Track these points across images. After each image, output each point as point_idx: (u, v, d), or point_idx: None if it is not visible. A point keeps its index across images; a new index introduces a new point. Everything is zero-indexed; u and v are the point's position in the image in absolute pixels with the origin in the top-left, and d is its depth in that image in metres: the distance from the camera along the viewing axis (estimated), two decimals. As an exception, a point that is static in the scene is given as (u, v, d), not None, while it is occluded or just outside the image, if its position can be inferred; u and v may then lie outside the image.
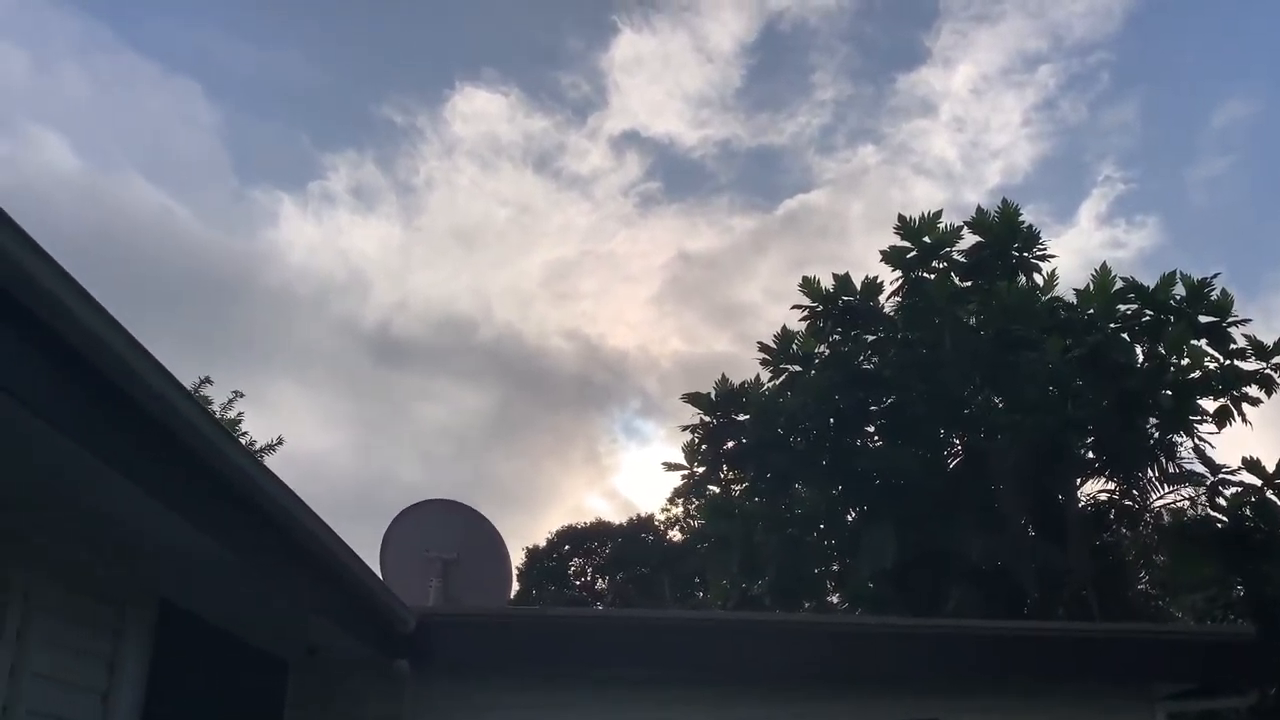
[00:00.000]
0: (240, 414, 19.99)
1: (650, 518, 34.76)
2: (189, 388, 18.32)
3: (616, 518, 36.35)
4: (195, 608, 4.70)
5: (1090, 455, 14.23)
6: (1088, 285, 14.40)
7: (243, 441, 17.98)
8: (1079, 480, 14.15)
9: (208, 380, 19.36)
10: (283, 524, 4.08)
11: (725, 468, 15.48)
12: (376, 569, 7.77)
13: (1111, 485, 14.33)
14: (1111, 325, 13.98)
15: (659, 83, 40.58)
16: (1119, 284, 14.18)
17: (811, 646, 6.69)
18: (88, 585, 3.95)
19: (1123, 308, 14.19)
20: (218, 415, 18.91)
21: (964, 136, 37.01)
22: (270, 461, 19.39)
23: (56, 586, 3.74)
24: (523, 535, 39.66)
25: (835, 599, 15.69)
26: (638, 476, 58.01)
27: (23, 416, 2.61)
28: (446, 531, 8.50)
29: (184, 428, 3.23)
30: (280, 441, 20.51)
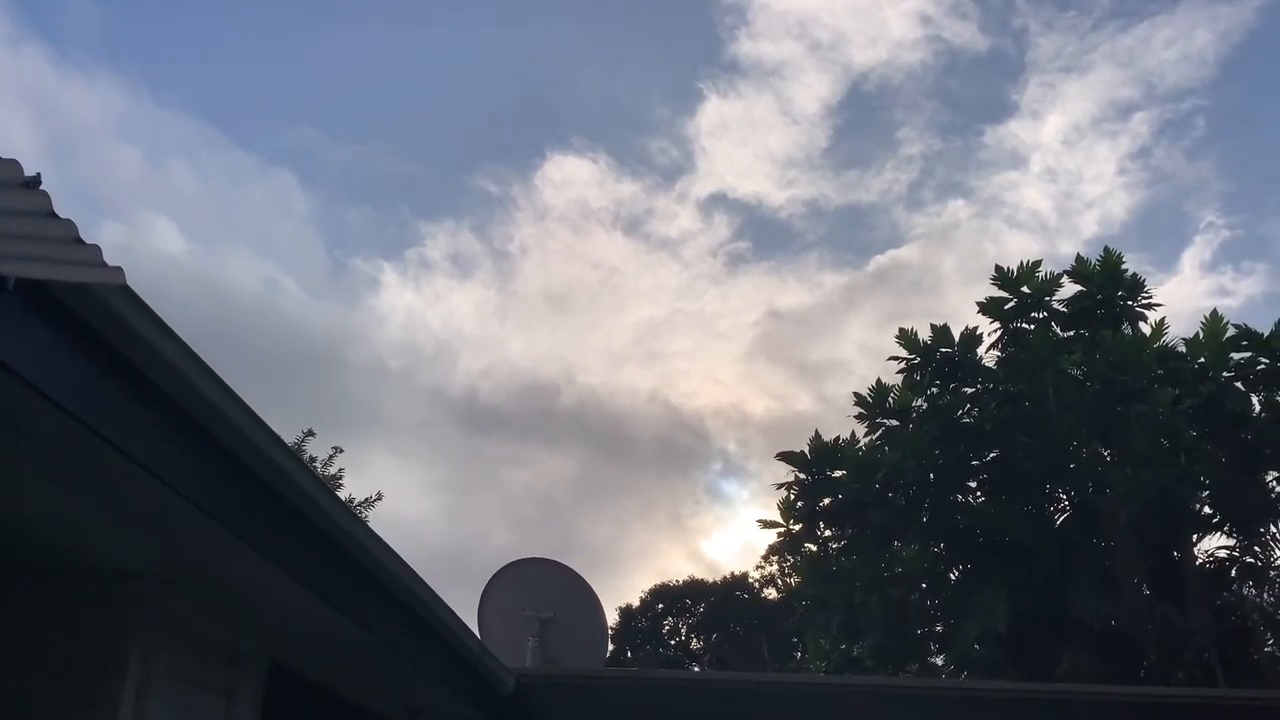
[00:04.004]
0: (341, 470, 20.58)
1: (744, 576, 34.29)
2: (292, 442, 18.97)
3: (708, 577, 35.92)
4: (302, 667, 4.79)
5: (1207, 510, 13.59)
6: (1197, 334, 13.84)
7: (342, 496, 18.53)
8: (1196, 536, 13.51)
9: (311, 433, 20.03)
10: (391, 587, 4.18)
11: (822, 525, 15.22)
12: (473, 627, 7.83)
13: (1231, 541, 13.64)
14: (1225, 374, 13.40)
15: (745, 146, 40.95)
16: (1231, 331, 13.61)
17: (917, 711, 6.49)
18: (203, 647, 4.05)
19: (1236, 356, 13.57)
20: (319, 469, 19.47)
21: (1057, 188, 36.34)
22: (370, 518, 19.81)
23: (174, 648, 3.85)
24: (610, 597, 39.48)
25: (940, 661, 15.18)
26: (723, 537, 57.36)
27: (172, 500, 2.80)
28: (543, 591, 8.53)
29: (308, 504, 3.41)
30: (380, 497, 21.05)
